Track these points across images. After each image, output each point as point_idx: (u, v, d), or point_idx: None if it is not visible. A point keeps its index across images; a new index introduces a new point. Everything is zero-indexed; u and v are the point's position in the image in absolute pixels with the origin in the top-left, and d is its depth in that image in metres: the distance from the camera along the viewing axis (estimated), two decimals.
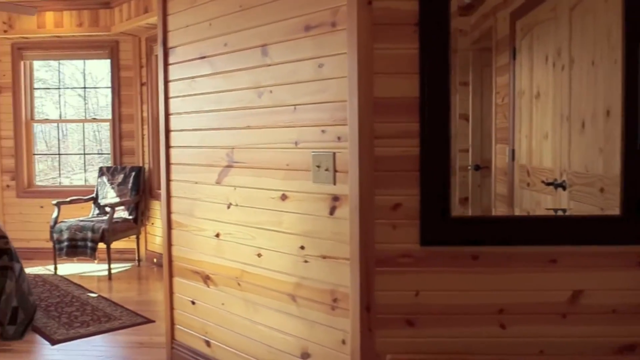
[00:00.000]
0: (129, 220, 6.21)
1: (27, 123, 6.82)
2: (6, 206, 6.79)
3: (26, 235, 6.75)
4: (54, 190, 6.81)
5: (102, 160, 7.28)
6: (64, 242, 5.82)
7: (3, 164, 6.78)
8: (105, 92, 7.36)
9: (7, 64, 6.71)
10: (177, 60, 3.36)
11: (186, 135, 3.31)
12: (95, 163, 7.43)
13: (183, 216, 3.34)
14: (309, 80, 2.45)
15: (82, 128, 7.24)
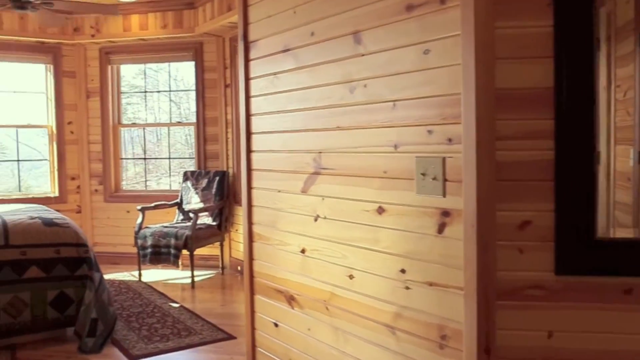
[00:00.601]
0: (212, 226, 6.02)
1: (115, 127, 6.80)
2: (94, 210, 6.80)
3: (113, 240, 6.74)
4: (140, 195, 6.75)
5: (191, 164, 7.19)
6: (147, 249, 5.70)
7: (91, 168, 6.80)
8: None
9: (95, 69, 6.71)
10: (259, 55, 3.04)
11: (268, 138, 2.98)
12: (187, 167, 7.32)
13: (265, 228, 3.01)
14: (411, 71, 2.04)
15: (168, 132, 7.16)
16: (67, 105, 6.69)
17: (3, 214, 4.37)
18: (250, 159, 3.19)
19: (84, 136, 6.75)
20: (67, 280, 4.02)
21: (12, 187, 6.82)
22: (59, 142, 6.66)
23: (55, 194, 6.68)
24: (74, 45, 6.65)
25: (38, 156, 6.85)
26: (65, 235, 4.09)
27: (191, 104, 7.05)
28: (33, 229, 4.03)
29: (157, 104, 7.37)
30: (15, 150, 6.86)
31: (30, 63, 6.62)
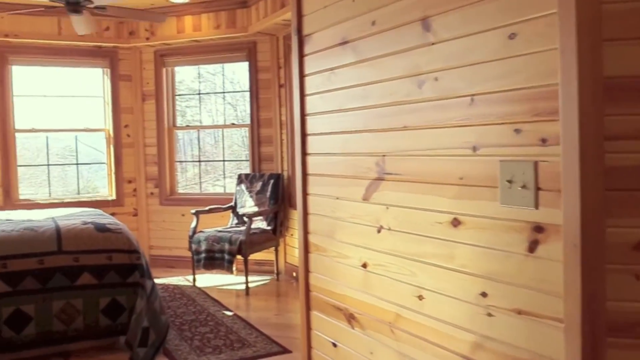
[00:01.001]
0: (267, 231, 5.83)
1: (169, 130, 6.72)
2: (150, 214, 6.74)
3: (168, 243, 6.65)
4: (195, 198, 6.63)
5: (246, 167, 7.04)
6: (201, 254, 5.56)
7: (147, 171, 6.73)
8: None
9: (150, 72, 6.65)
10: (314, 49, 2.79)
11: (325, 140, 2.73)
12: (243, 169, 7.18)
13: (322, 238, 2.76)
14: (493, 60, 1.74)
15: (222, 134, 7.03)
16: (123, 109, 6.65)
17: (58, 218, 4.29)
18: (305, 162, 2.95)
19: (139, 139, 6.69)
20: (119, 288, 3.89)
21: (75, 190, 6.83)
22: (115, 145, 6.63)
23: (112, 197, 6.65)
24: (130, 49, 6.60)
25: (102, 159, 6.84)
26: (117, 241, 3.96)
27: (247, 105, 6.90)
28: (85, 234, 3.91)
29: (214, 107, 7.25)
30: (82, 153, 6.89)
31: (87, 68, 6.61)
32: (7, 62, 6.13)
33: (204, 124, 6.98)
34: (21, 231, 3.80)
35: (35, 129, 6.40)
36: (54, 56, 6.28)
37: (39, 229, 3.87)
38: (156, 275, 6.26)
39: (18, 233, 3.78)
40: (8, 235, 3.74)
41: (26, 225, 3.92)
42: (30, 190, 6.71)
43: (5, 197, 6.14)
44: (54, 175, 6.77)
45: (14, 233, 3.77)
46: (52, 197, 6.51)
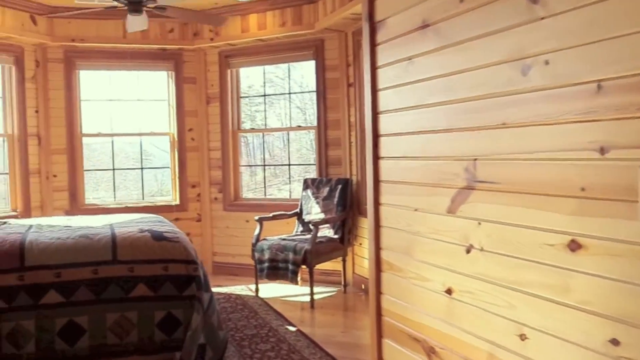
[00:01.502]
0: (334, 239, 5.49)
1: (234, 133, 6.50)
2: (214, 219, 6.54)
3: (232, 250, 6.43)
4: (259, 204, 6.38)
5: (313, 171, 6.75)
6: (264, 263, 5.28)
7: (211, 175, 6.54)
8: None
9: (215, 74, 6.45)
10: (388, 36, 2.43)
11: (401, 142, 2.36)
12: (310, 173, 6.91)
13: (397, 255, 2.39)
14: (627, 34, 1.32)
15: (287, 137, 6.76)
16: (187, 112, 6.50)
17: (116, 225, 4.11)
18: (377, 167, 2.58)
19: (204, 143, 6.51)
20: (175, 300, 3.63)
21: (140, 195, 6.73)
22: (180, 149, 6.48)
23: (176, 202, 6.50)
24: (194, 51, 6.44)
25: (167, 164, 6.70)
26: (174, 250, 3.71)
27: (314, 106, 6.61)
28: (141, 243, 3.69)
29: (283, 110, 7.00)
30: (148, 158, 6.81)
31: (152, 70, 6.50)
32: (74, 66, 6.09)
33: (270, 127, 6.72)
34: (76, 239, 3.62)
35: (101, 134, 6.34)
36: (120, 60, 6.19)
37: (95, 236, 3.68)
38: (219, 284, 6.05)
39: (73, 241, 3.59)
40: (63, 242, 3.56)
41: (82, 233, 3.74)
42: (97, 195, 6.67)
43: (72, 202, 6.09)
44: (120, 180, 6.70)
45: (69, 241, 3.59)
46: (117, 202, 6.43)
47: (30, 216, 5.76)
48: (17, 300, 3.37)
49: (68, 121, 6.06)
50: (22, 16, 5.47)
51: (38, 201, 5.92)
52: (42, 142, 5.96)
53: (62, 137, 6.05)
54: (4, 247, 3.44)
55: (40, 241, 3.54)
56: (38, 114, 5.94)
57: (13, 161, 5.74)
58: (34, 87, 5.89)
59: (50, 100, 6.00)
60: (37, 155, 5.92)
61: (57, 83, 6.02)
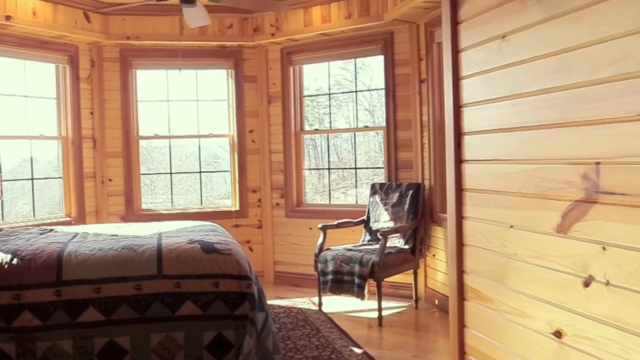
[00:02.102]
0: (404, 250, 4.99)
1: (297, 135, 6.11)
2: (275, 226, 6.17)
3: (294, 259, 6.05)
4: (323, 210, 5.96)
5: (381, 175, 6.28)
6: (328, 275, 4.85)
7: (273, 180, 6.18)
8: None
9: (277, 71, 6.09)
10: (474, 11, 1.94)
11: (492, 140, 1.86)
12: (379, 176, 6.47)
13: (486, 282, 1.89)
14: None
15: (354, 138, 6.30)
16: (248, 112, 6.16)
17: (164, 235, 3.78)
18: (460, 173, 2.10)
19: (265, 145, 6.16)
20: (225, 320, 3.26)
21: (198, 200, 6.46)
22: (239, 152, 6.15)
23: (236, 208, 6.18)
24: (255, 47, 6.10)
25: (226, 167, 6.39)
26: (225, 264, 3.34)
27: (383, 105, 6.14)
28: (190, 256, 3.33)
29: (351, 112, 6.56)
30: (207, 161, 6.54)
31: (211, 69, 6.20)
32: (130, 66, 5.88)
33: (336, 127, 6.29)
34: (119, 250, 3.30)
35: (158, 136, 6.09)
36: (177, 58, 5.92)
37: (138, 248, 3.35)
38: (280, 295, 5.67)
39: (115, 253, 3.28)
40: (104, 255, 3.25)
41: (126, 244, 3.42)
42: (154, 200, 6.44)
43: (128, 207, 5.88)
44: (178, 184, 6.45)
45: (110, 253, 3.28)
46: (174, 208, 6.17)
47: (85, 222, 5.58)
48: (54, 318, 3.08)
49: (124, 123, 5.85)
50: (75, 13, 5.29)
51: (93, 206, 5.73)
52: (97, 145, 5.77)
53: (117, 140, 5.84)
54: (40, 259, 3.16)
55: (80, 253, 3.25)
56: (93, 116, 5.75)
57: (67, 165, 5.57)
58: (89, 87, 5.71)
59: (105, 101, 5.81)
60: (92, 159, 5.74)
61: (112, 83, 5.82)
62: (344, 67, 6.47)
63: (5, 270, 3.09)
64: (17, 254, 3.19)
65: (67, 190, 5.57)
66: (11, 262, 3.12)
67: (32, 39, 5.18)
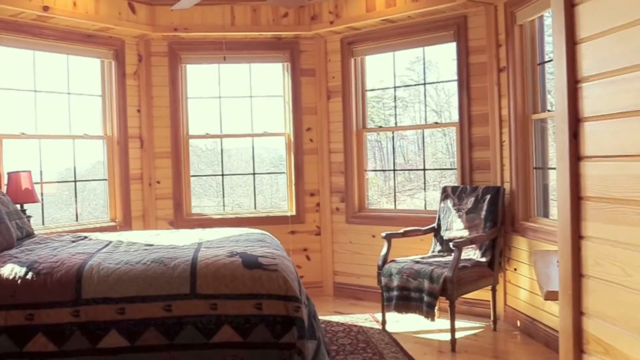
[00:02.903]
0: (481, 264, 4.34)
1: (358, 133, 5.56)
2: (335, 233, 5.64)
3: (355, 269, 5.49)
4: (388, 216, 5.38)
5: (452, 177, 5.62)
6: (393, 291, 4.27)
7: (332, 182, 5.65)
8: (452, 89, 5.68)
9: (337, 64, 5.56)
10: None
11: (631, 127, 1.23)
12: (448, 177, 5.85)
13: (619, 332, 1.28)
14: None
15: (422, 137, 5.68)
16: (305, 109, 5.66)
17: (204, 245, 3.32)
18: (577, 174, 1.49)
19: (324, 144, 5.64)
20: (269, 349, 2.76)
21: (251, 204, 6.01)
22: (296, 152, 5.66)
23: (292, 213, 5.68)
24: (313, 38, 5.60)
25: (282, 169, 5.91)
26: (270, 282, 2.83)
27: (452, 98, 5.52)
28: (228, 271, 2.85)
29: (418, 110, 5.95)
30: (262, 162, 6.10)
31: (265, 62, 5.74)
32: (179, 60, 5.49)
33: (401, 125, 5.69)
34: (147, 264, 2.85)
35: (209, 135, 5.68)
36: (229, 51, 5.49)
37: (170, 261, 2.89)
38: (339, 310, 5.14)
39: (143, 267, 2.83)
40: (130, 269, 2.81)
41: (157, 256, 2.97)
42: (205, 203, 6.05)
43: (176, 211, 5.48)
44: (230, 187, 6.03)
45: (138, 267, 2.83)
46: (226, 212, 5.74)
47: (131, 227, 5.22)
48: (71, 343, 2.65)
49: (173, 121, 5.47)
50: (118, 3, 4.92)
51: (139, 210, 5.37)
52: (144, 145, 5.41)
53: (166, 139, 5.46)
54: (58, 274, 2.74)
55: (103, 267, 2.81)
56: (140, 114, 5.39)
57: (112, 166, 5.23)
58: (135, 84, 5.35)
59: (153, 99, 5.44)
60: (138, 160, 5.38)
61: (160, 79, 5.45)
62: (410, 67, 5.86)
63: (18, 286, 2.70)
64: (34, 267, 2.79)
65: (113, 193, 5.23)
66: (25, 276, 2.72)
67: (74, 32, 4.86)
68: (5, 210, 3.71)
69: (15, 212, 3.84)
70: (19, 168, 4.36)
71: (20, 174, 4.25)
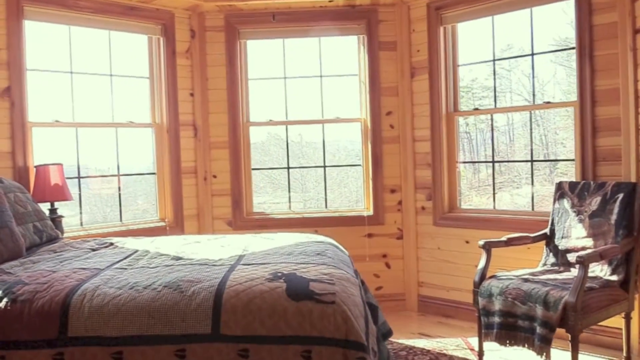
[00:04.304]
0: (612, 283, 3.31)
1: (449, 117, 4.63)
2: (420, 237, 4.74)
3: (444, 281, 4.59)
4: (485, 218, 4.41)
5: (568, 171, 4.56)
6: (493, 316, 3.34)
7: (417, 177, 4.75)
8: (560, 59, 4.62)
9: (422, 35, 4.64)
10: None
11: None
12: (555, 172, 4.84)
13: None
14: None
15: (529, 120, 4.65)
16: (385, 89, 4.79)
17: (244, 259, 2.54)
18: None
19: (407, 131, 4.75)
20: None
21: (321, 202, 5.22)
22: (374, 140, 4.80)
23: (369, 212, 4.83)
24: (393, 4, 4.71)
25: (356, 161, 5.06)
26: (323, 320, 2.01)
27: (559, 72, 4.49)
28: (266, 303, 2.05)
29: (520, 84, 4.95)
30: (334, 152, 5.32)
31: (337, 35, 4.89)
32: (237, 35, 4.75)
33: (501, 107, 4.69)
34: (159, 290, 2.11)
35: (272, 121, 4.91)
36: (293, 23, 4.70)
37: (190, 286, 2.13)
38: (424, 331, 4.24)
39: (152, 294, 2.08)
40: (135, 297, 2.07)
41: (174, 278, 2.22)
42: (268, 200, 5.32)
43: (235, 210, 4.77)
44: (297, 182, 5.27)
45: (146, 294, 2.08)
46: (291, 212, 4.95)
47: (183, 229, 4.57)
48: None
49: (231, 106, 4.75)
50: None
51: (193, 208, 4.70)
52: (198, 134, 4.73)
53: (223, 127, 4.75)
54: (39, 302, 2.04)
55: (100, 293, 2.08)
56: (193, 98, 4.71)
57: (162, 158, 4.58)
58: (188, 63, 4.67)
59: (208, 80, 4.74)
60: (192, 150, 4.71)
61: (216, 58, 4.74)
62: (511, 34, 4.82)
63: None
64: (13, 290, 2.11)
65: (162, 189, 4.59)
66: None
67: (115, 3, 4.23)
68: (21, 210, 3.11)
69: (35, 213, 3.24)
70: (51, 161, 3.78)
71: (49, 167, 3.66)
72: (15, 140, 3.71)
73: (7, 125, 3.70)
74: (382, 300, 4.67)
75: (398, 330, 4.19)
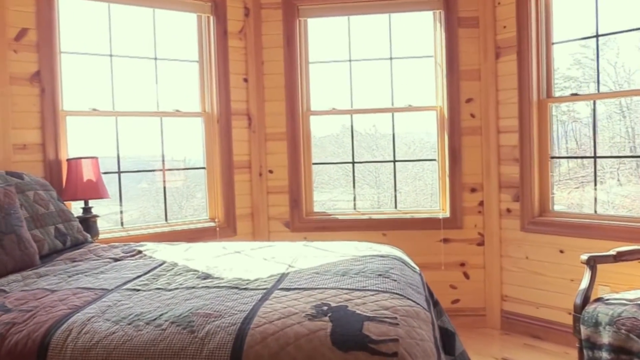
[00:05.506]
0: None
1: (541, 104, 3.94)
2: (505, 243, 4.09)
3: (533, 296, 3.94)
4: (584, 224, 3.71)
5: None
6: (600, 351, 2.68)
7: (502, 174, 4.10)
8: None
9: (509, 8, 3.97)
10: None
11: None
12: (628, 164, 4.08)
13: None
14: None
15: (621, 107, 3.88)
16: (464, 73, 4.15)
17: (285, 281, 2.03)
18: None
19: (490, 121, 4.10)
20: None
21: (390, 200, 4.65)
22: (451, 131, 4.17)
23: (445, 214, 4.22)
24: None
25: (431, 155, 4.44)
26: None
27: None
28: (303, 355, 1.51)
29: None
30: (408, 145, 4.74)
31: (410, 12, 4.28)
32: (296, 13, 4.24)
33: (605, 92, 3.94)
34: (165, 328, 1.62)
35: (336, 110, 4.37)
36: None
37: (204, 322, 1.63)
38: (508, 357, 3.62)
39: (155, 333, 1.60)
40: (132, 336, 1.59)
41: (190, 309, 1.73)
42: (331, 198, 4.79)
43: (293, 209, 4.28)
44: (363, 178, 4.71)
45: (146, 332, 1.60)
46: (357, 211, 4.40)
47: (235, 230, 4.14)
48: None
49: (289, 93, 4.25)
50: None
51: (247, 207, 4.24)
52: (252, 124, 4.26)
53: (281, 117, 4.27)
54: (13, 339, 1.62)
55: (90, 329, 1.63)
56: (247, 84, 4.24)
57: (212, 151, 4.14)
58: (241, 45, 4.20)
59: (264, 64, 4.26)
60: (245, 142, 4.25)
61: (273, 39, 4.25)
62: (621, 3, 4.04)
63: None
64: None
65: (212, 186, 4.16)
66: None
67: None
68: (41, 210, 2.73)
69: (59, 213, 2.86)
70: (87, 154, 3.41)
71: (81, 160, 3.28)
72: (45, 131, 3.36)
73: (37, 114, 3.35)
74: (459, 315, 4.07)
75: (477, 352, 3.59)
